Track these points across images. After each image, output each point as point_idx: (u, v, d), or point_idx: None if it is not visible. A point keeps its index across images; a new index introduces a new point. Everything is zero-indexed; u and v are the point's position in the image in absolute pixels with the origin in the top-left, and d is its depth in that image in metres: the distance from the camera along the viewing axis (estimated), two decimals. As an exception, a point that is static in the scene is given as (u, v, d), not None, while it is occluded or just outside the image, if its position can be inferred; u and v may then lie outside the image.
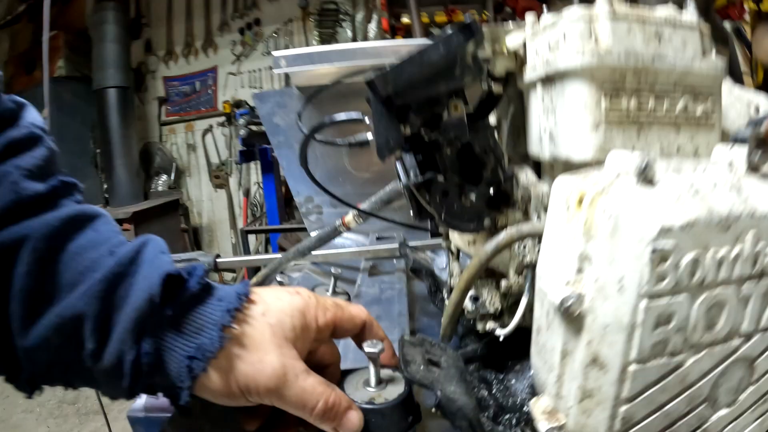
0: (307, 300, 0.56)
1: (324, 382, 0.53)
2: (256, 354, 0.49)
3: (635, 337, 0.42)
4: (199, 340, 0.48)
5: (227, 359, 0.49)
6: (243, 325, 0.50)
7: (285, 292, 0.56)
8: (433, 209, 0.66)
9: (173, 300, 0.48)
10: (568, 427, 0.46)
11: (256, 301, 0.53)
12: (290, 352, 0.51)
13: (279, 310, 0.53)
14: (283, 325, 0.52)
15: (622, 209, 0.40)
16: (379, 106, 0.61)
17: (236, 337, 0.49)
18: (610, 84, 0.56)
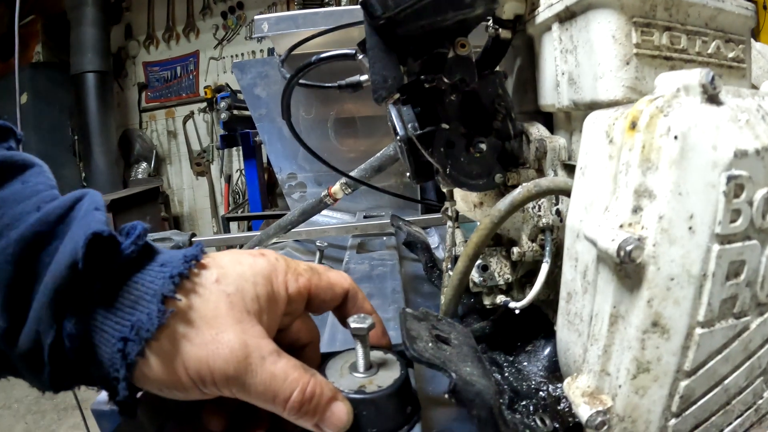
0: (274, 263, 0.45)
1: (299, 365, 0.42)
2: (208, 331, 0.39)
3: (705, 292, 0.34)
4: (135, 316, 0.37)
5: (171, 340, 0.38)
6: (191, 296, 0.40)
7: (246, 255, 0.45)
8: (437, 162, 0.57)
9: (103, 267, 0.37)
10: (615, 411, 0.37)
11: (209, 266, 0.42)
12: (254, 329, 0.41)
13: (238, 276, 0.42)
14: (243, 294, 0.41)
15: (690, 128, 0.32)
16: (376, 38, 0.52)
17: (182, 311, 0.39)
18: (641, 15, 0.50)
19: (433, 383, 0.62)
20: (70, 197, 0.41)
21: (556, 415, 0.53)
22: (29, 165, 0.44)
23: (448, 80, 0.56)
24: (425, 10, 0.51)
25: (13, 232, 0.38)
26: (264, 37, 1.31)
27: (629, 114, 0.35)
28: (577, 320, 0.43)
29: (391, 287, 0.84)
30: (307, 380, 0.41)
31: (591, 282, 0.40)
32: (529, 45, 0.66)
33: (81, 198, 0.41)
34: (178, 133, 5.43)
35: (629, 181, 0.35)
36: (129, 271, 0.39)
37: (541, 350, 0.64)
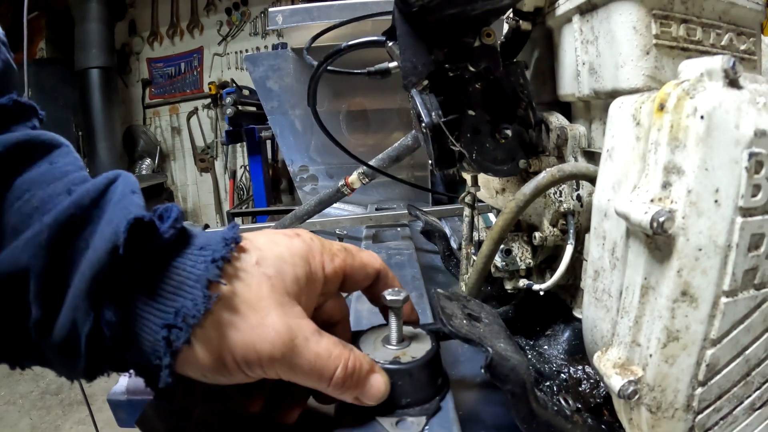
0: (310, 243, 0.45)
1: (339, 342, 0.43)
2: (253, 316, 0.39)
3: (729, 262, 0.36)
4: (178, 302, 0.37)
5: (217, 326, 0.38)
6: (233, 281, 0.39)
7: (282, 235, 0.45)
8: (464, 148, 0.59)
9: (143, 252, 0.36)
10: (645, 380, 0.39)
11: (248, 249, 0.41)
12: (295, 310, 0.41)
13: (277, 258, 0.42)
14: (283, 276, 0.41)
15: (715, 109, 0.34)
16: (407, 26, 0.54)
17: (226, 296, 0.38)
18: (659, 8, 0.52)
19: (456, 367, 0.64)
20: (103, 179, 0.39)
21: (578, 395, 0.55)
22: (56, 145, 0.43)
23: (474, 68, 0.58)
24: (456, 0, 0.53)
25: (46, 216, 0.36)
26: (270, 32, 1.33)
27: (657, 97, 0.37)
28: (605, 296, 0.45)
29: (410, 274, 0.85)
30: (348, 356, 0.42)
31: (620, 257, 0.42)
32: (547, 37, 0.68)
33: (114, 180, 0.40)
34: (182, 129, 5.44)
35: (659, 158, 0.37)
36: (169, 256, 0.38)
37: (561, 334, 0.65)
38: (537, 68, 0.72)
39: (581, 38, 0.59)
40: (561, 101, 0.67)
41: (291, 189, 4.44)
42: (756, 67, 0.58)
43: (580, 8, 0.58)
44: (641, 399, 0.40)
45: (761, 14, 0.58)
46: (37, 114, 0.45)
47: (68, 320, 0.35)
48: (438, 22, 0.55)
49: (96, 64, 4.57)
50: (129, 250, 0.35)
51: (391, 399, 0.45)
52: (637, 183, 0.39)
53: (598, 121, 0.61)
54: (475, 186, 0.71)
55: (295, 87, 1.49)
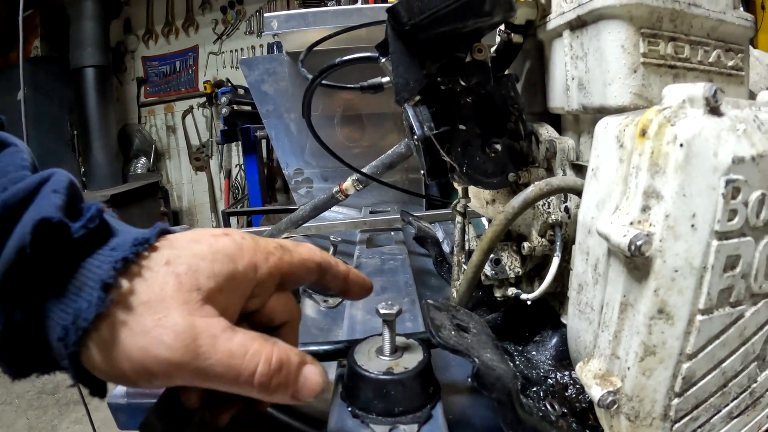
0: (240, 242, 0.42)
1: (258, 336, 0.39)
2: (150, 317, 0.36)
3: (705, 283, 0.38)
4: (78, 303, 0.35)
5: (111, 329, 0.35)
6: (136, 281, 0.36)
7: (207, 234, 0.42)
8: (454, 162, 0.60)
9: (52, 252, 0.35)
10: (624, 391, 0.41)
11: (162, 248, 0.39)
12: (204, 308, 0.37)
13: (193, 255, 0.39)
14: (197, 272, 0.38)
15: (694, 137, 0.36)
16: (399, 42, 0.55)
17: (124, 297, 0.36)
18: (648, 26, 0.53)
19: (447, 372, 0.65)
20: (35, 179, 0.39)
21: (564, 400, 0.57)
22: (4, 145, 0.43)
23: (465, 83, 0.59)
24: (447, 18, 0.54)
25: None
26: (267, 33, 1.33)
27: (639, 122, 0.39)
28: (588, 309, 0.46)
29: (403, 280, 0.87)
30: (270, 349, 0.38)
31: (602, 274, 0.43)
32: (538, 49, 0.69)
33: (47, 179, 0.39)
34: (177, 128, 5.43)
35: (639, 182, 0.38)
36: (79, 256, 0.37)
37: (549, 340, 0.67)
38: (528, 79, 0.73)
39: (571, 53, 0.60)
40: (551, 113, 0.68)
41: (286, 188, 4.44)
42: (743, 82, 0.60)
43: (571, 24, 0.59)
44: (620, 408, 0.42)
45: (750, 30, 0.59)
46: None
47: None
48: (430, 39, 0.56)
49: (91, 63, 4.55)
50: (37, 250, 0.34)
51: (384, 407, 0.47)
52: (619, 204, 0.41)
53: (586, 134, 0.62)
54: (466, 198, 0.72)
55: (291, 90, 1.50)
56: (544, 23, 0.64)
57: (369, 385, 0.47)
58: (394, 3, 0.54)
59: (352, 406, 0.48)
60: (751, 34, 0.60)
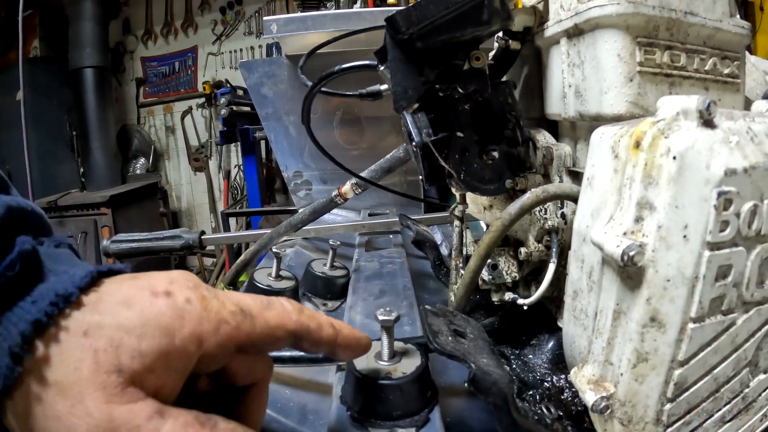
0: (182, 308, 0.35)
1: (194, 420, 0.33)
2: (62, 402, 0.31)
3: (696, 292, 0.39)
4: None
5: (24, 401, 0.31)
6: (51, 348, 0.32)
7: (145, 294, 0.35)
8: (452, 169, 0.61)
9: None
10: (617, 396, 0.42)
11: (85, 307, 0.33)
12: (126, 393, 0.32)
13: (117, 326, 0.33)
14: (119, 349, 0.32)
15: (687, 150, 0.37)
16: (397, 51, 0.56)
17: (37, 367, 0.31)
18: (644, 35, 0.54)
19: (444, 375, 0.66)
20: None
21: (560, 403, 0.58)
22: None
23: (463, 91, 0.60)
24: (446, 27, 0.55)
25: None
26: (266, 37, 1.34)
27: (634, 134, 0.40)
28: (583, 316, 0.47)
29: (401, 284, 0.88)
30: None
31: (596, 281, 0.44)
32: (536, 55, 0.70)
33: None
34: (177, 129, 5.42)
35: (632, 193, 0.39)
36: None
37: (545, 344, 0.68)
38: (526, 85, 0.74)
39: (568, 61, 0.61)
40: (549, 119, 0.69)
41: (285, 189, 4.45)
42: (739, 90, 0.60)
43: (568, 32, 0.60)
44: (613, 413, 0.43)
45: (746, 38, 0.60)
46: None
47: None
48: (428, 47, 0.57)
49: (90, 64, 4.54)
50: None
51: (383, 411, 0.48)
52: (613, 213, 0.42)
53: (583, 141, 0.63)
54: (464, 203, 0.73)
55: (290, 93, 1.51)
56: (542, 30, 0.65)
57: (368, 390, 0.48)
58: (393, 10, 0.55)
59: (351, 410, 0.49)
60: (747, 41, 0.61)
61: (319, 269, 0.94)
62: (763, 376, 0.47)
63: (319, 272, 0.93)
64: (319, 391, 0.62)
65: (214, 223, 5.24)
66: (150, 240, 1.19)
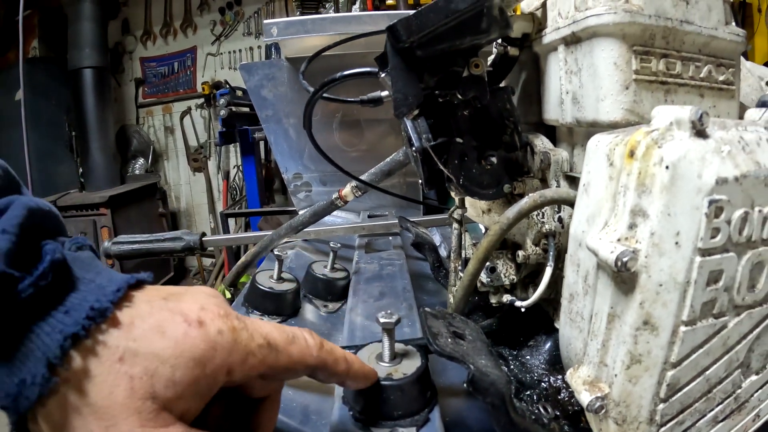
0: (214, 340, 0.36)
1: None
2: (97, 422, 0.32)
3: (688, 297, 0.40)
4: (23, 373, 0.32)
5: (60, 409, 0.33)
6: (88, 361, 0.33)
7: (178, 322, 0.36)
8: (451, 174, 0.62)
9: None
10: (611, 397, 0.43)
11: (119, 324, 0.35)
12: (159, 417, 0.34)
13: (153, 355, 0.34)
14: (154, 378, 0.34)
15: (680, 159, 0.38)
16: (398, 59, 0.57)
17: (74, 377, 0.33)
18: (641, 44, 0.55)
19: (443, 376, 0.67)
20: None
21: (557, 403, 0.59)
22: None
23: (462, 97, 0.61)
24: (445, 36, 0.56)
25: None
26: (267, 40, 1.35)
27: (628, 143, 0.41)
28: (579, 318, 0.49)
29: (401, 286, 0.89)
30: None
31: (591, 285, 0.46)
32: (534, 60, 0.71)
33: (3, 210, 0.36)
34: (176, 129, 5.43)
35: (627, 201, 0.40)
36: (29, 318, 0.33)
37: (543, 345, 0.69)
38: (524, 90, 0.75)
39: (566, 68, 0.62)
40: (546, 124, 0.70)
41: (284, 189, 4.46)
42: (734, 96, 0.62)
43: (565, 39, 0.61)
44: (608, 413, 0.44)
45: (741, 45, 0.61)
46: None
47: None
48: (428, 55, 0.58)
49: (89, 64, 4.54)
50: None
51: (384, 411, 0.49)
52: (608, 220, 0.43)
53: (580, 147, 0.64)
54: (463, 207, 0.74)
55: (290, 96, 1.51)
56: (540, 37, 0.66)
57: (370, 390, 0.50)
58: (393, 13, 0.56)
59: (353, 410, 0.51)
60: (742, 48, 0.62)
61: (320, 271, 0.96)
62: (755, 377, 0.48)
63: (320, 274, 0.94)
64: (321, 392, 0.62)
65: (213, 224, 5.25)
66: (151, 242, 1.19)
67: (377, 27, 1.26)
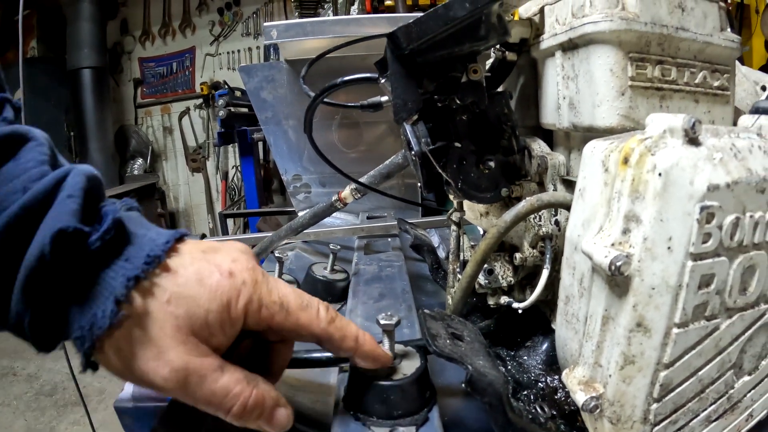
0: (239, 288, 0.44)
1: (243, 378, 0.44)
2: (152, 350, 0.41)
3: (680, 300, 0.41)
4: (93, 310, 0.39)
5: (125, 340, 0.40)
6: (148, 300, 0.41)
7: (213, 272, 0.44)
8: (449, 177, 0.63)
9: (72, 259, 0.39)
10: (606, 396, 0.44)
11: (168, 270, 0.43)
12: (198, 348, 0.42)
13: (192, 299, 0.42)
14: (192, 318, 0.42)
15: (672, 167, 0.39)
16: (398, 65, 0.58)
17: (135, 313, 0.40)
18: (636, 51, 0.56)
19: (442, 376, 0.68)
20: (53, 177, 0.41)
21: (553, 403, 0.60)
22: (24, 140, 0.44)
23: (460, 102, 0.62)
24: (445, 42, 0.57)
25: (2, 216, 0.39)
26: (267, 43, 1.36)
27: (622, 150, 0.42)
28: (574, 320, 0.50)
29: (400, 288, 0.90)
30: (249, 393, 0.44)
31: (587, 288, 0.47)
32: (532, 65, 0.72)
33: (63, 178, 0.41)
34: (174, 129, 5.44)
35: (621, 207, 0.41)
36: (97, 266, 0.40)
37: (540, 345, 0.70)
38: (522, 94, 0.76)
39: (563, 73, 0.63)
40: (543, 128, 0.71)
41: (282, 190, 4.46)
42: (729, 102, 0.63)
43: (563, 45, 0.62)
44: (603, 412, 0.45)
45: (736, 51, 0.62)
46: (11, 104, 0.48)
47: (14, 310, 0.40)
48: (427, 61, 0.59)
49: (88, 64, 4.55)
50: (56, 256, 0.38)
51: (384, 411, 0.50)
52: (602, 224, 0.44)
53: (576, 151, 0.65)
54: (461, 210, 0.75)
55: (289, 97, 1.52)
56: (538, 42, 0.67)
57: (371, 391, 0.51)
58: (391, 16, 0.57)
59: (354, 410, 0.52)
60: (737, 54, 0.63)
61: (320, 273, 0.96)
62: (747, 378, 0.49)
63: (320, 276, 0.95)
64: (321, 392, 0.64)
65: (211, 224, 5.26)
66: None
67: (376, 29, 1.28)
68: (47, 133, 0.48)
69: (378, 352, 0.51)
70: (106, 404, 3.14)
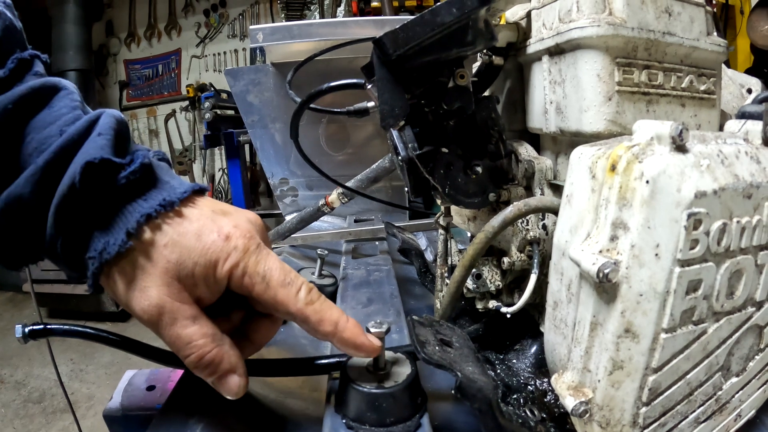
0: (229, 253, 0.48)
1: (210, 334, 0.48)
2: (140, 282, 0.46)
3: (668, 305, 0.41)
4: (106, 238, 0.45)
5: (127, 270, 0.46)
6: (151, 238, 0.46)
7: (213, 231, 0.48)
8: (437, 183, 0.63)
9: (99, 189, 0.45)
10: (595, 401, 0.45)
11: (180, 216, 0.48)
12: (178, 294, 0.47)
13: (186, 250, 0.47)
14: (180, 266, 0.46)
15: (660, 174, 0.39)
16: (384, 70, 0.58)
17: (141, 249, 0.46)
18: (623, 56, 0.56)
19: (431, 381, 0.68)
20: (87, 120, 0.47)
21: (543, 406, 0.61)
22: (55, 90, 0.50)
23: (447, 108, 0.62)
24: (431, 48, 0.57)
25: (40, 158, 0.45)
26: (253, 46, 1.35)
27: (610, 157, 0.42)
28: (563, 325, 0.50)
29: (388, 292, 0.90)
30: (209, 350, 0.48)
31: (575, 294, 0.47)
32: (519, 69, 0.72)
33: (97, 119, 0.47)
34: (160, 132, 5.41)
35: (608, 214, 0.42)
36: (118, 198, 0.46)
37: (529, 349, 0.70)
38: (509, 98, 0.76)
39: (550, 78, 0.63)
40: (530, 132, 0.71)
41: (269, 192, 4.45)
42: (715, 105, 0.63)
43: (550, 50, 0.62)
44: (592, 416, 0.45)
45: (723, 55, 0.62)
46: (39, 58, 0.54)
47: (49, 236, 0.46)
48: (414, 67, 0.59)
49: (73, 66, 4.52)
50: (85, 185, 0.44)
51: (376, 418, 0.50)
52: (590, 231, 0.44)
53: (563, 155, 0.66)
54: (449, 216, 0.75)
55: (276, 101, 1.51)
56: (525, 46, 0.67)
57: (362, 398, 0.51)
58: (378, 19, 0.57)
59: (345, 418, 0.52)
60: (723, 58, 0.63)
61: (308, 278, 0.96)
62: (735, 379, 0.50)
63: (308, 281, 0.95)
64: (312, 399, 0.63)
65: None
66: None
67: (363, 32, 1.28)
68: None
69: (359, 341, 0.51)
70: (95, 410, 3.12)
